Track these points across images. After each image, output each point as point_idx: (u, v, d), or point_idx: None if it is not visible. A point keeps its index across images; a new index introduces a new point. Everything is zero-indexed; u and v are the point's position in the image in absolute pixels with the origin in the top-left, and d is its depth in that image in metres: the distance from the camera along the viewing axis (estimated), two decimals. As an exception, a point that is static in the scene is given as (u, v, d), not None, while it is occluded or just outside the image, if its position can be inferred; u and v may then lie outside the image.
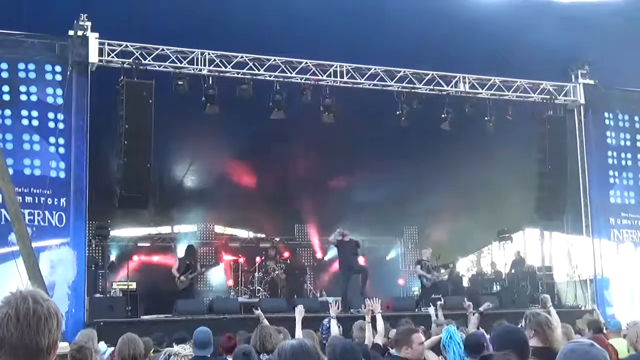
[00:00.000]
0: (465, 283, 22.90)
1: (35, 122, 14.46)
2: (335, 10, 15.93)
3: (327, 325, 9.61)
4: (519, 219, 24.46)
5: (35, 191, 14.06)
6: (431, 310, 12.39)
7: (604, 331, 10.65)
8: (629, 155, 19.33)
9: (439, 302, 13.36)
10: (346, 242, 18.12)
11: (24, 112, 14.44)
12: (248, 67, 16.14)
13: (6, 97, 14.38)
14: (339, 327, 9.66)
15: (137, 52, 15.31)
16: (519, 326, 6.34)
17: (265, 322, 9.16)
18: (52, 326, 2.64)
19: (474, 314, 10.28)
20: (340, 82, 16.81)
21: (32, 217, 13.84)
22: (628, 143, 19.34)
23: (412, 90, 17.25)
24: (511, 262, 22.26)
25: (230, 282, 22.03)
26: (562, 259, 28.82)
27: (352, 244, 18.32)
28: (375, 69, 16.96)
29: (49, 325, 2.63)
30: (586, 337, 9.44)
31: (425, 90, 17.35)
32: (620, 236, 18.83)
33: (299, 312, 9.26)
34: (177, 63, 15.65)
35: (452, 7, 16.45)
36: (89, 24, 14.65)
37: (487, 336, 7.88)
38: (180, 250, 22.19)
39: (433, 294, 19.37)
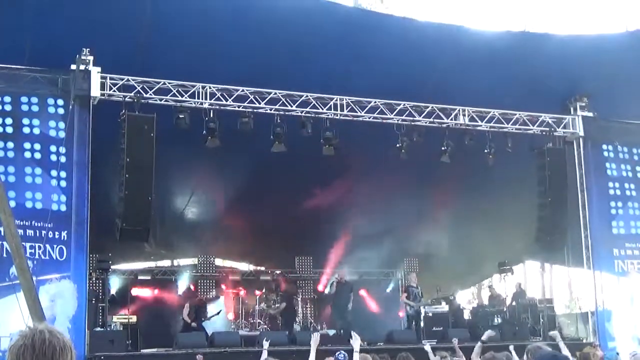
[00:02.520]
0: (466, 315, 22.83)
1: (37, 155, 14.47)
2: (335, 44, 16.07)
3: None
4: (519, 251, 24.47)
5: (36, 224, 14.04)
6: (427, 347, 12.29)
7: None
8: (632, 186, 19.30)
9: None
10: (343, 284, 20.06)
11: (27, 145, 14.46)
12: (249, 100, 16.19)
13: (9, 130, 14.40)
14: None
15: (138, 86, 15.38)
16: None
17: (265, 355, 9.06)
18: (66, 359, 2.70)
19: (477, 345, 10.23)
20: (340, 115, 16.87)
21: (33, 251, 13.80)
22: (630, 174, 19.34)
23: (412, 123, 17.31)
24: (512, 294, 22.24)
25: (231, 316, 21.97)
26: (563, 291, 28.81)
27: (349, 286, 20.26)
28: (375, 102, 17.04)
29: (63, 357, 2.71)
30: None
31: (425, 122, 17.41)
32: (624, 267, 18.76)
33: (315, 342, 8.79)
34: (178, 97, 15.71)
35: (451, 41, 16.59)
36: (91, 58, 14.73)
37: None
38: (182, 285, 22.23)
39: (434, 327, 19.40)
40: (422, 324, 19.99)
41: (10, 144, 14.37)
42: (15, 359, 2.69)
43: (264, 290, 21.75)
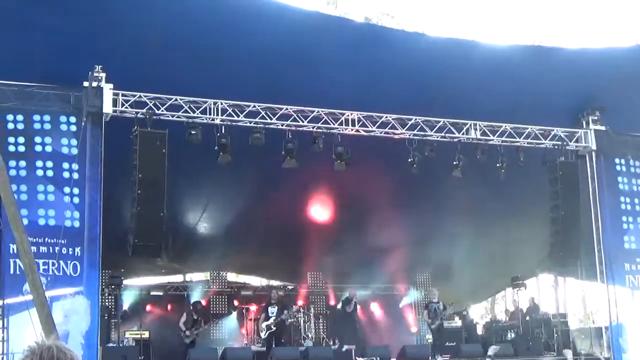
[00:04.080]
0: (480, 330, 22.74)
1: (49, 173, 14.49)
2: (346, 59, 16.10)
3: None
4: (532, 265, 24.38)
5: (49, 241, 14.06)
6: None
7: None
8: (643, 202, 19.22)
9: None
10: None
11: (39, 163, 14.48)
12: (260, 116, 16.20)
13: (21, 149, 14.43)
14: None
15: (150, 102, 15.42)
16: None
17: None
18: None
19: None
20: (352, 130, 16.88)
21: (46, 267, 13.82)
22: (640, 189, 19.25)
23: (424, 138, 17.30)
24: (525, 308, 22.13)
25: (243, 331, 21.95)
26: (576, 306, 28.63)
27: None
28: (386, 117, 17.02)
29: None
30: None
31: (437, 137, 17.39)
32: (635, 282, 18.64)
33: None
34: (190, 113, 15.74)
35: (461, 55, 16.59)
36: (103, 75, 14.77)
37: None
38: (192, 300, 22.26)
39: (447, 341, 19.34)
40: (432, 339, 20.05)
41: (23, 163, 14.36)
42: None
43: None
